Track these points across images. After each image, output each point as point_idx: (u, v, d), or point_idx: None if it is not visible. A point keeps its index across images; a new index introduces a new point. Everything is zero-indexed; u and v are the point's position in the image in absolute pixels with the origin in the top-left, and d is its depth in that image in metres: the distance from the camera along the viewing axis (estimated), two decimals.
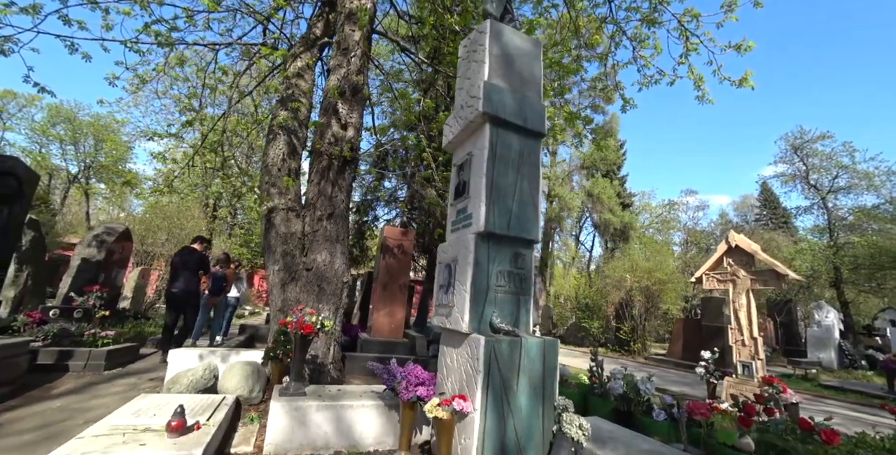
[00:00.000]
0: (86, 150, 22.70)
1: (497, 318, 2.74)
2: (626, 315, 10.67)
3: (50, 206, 19.14)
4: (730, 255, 5.99)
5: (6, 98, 23.66)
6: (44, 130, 22.68)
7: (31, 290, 7.19)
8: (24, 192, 6.27)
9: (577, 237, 24.35)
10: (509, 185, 3.06)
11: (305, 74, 5.22)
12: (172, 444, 2.26)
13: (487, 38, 3.39)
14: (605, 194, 19.09)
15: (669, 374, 8.41)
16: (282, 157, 4.58)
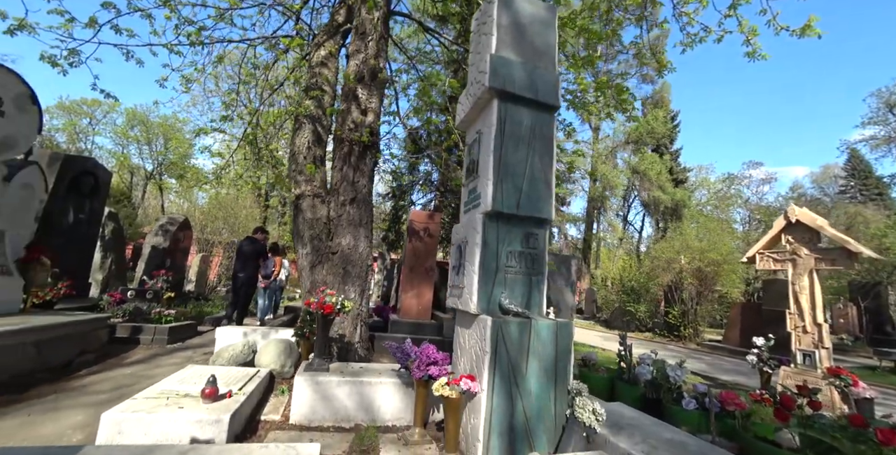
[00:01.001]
0: (158, 148, 25.08)
1: (506, 299, 2.69)
2: (676, 299, 10.03)
3: (132, 200, 21.50)
4: (789, 231, 5.37)
5: (93, 106, 26.56)
6: (124, 133, 25.30)
7: (114, 273, 8.19)
8: (100, 188, 7.11)
9: (625, 217, 23.02)
10: (519, 163, 2.94)
11: (329, 63, 5.29)
12: (206, 408, 2.51)
13: (495, 9, 3.21)
14: (654, 170, 17.72)
15: (723, 362, 7.86)
16: (307, 145, 4.73)
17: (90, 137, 26.67)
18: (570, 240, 19.20)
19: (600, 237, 20.84)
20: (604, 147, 19.26)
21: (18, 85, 4.67)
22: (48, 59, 5.03)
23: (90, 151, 26.07)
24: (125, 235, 11.74)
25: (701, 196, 22.09)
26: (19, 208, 4.86)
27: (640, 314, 10.98)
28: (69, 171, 6.40)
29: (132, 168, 25.83)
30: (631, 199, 22.26)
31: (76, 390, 3.39)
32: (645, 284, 11.52)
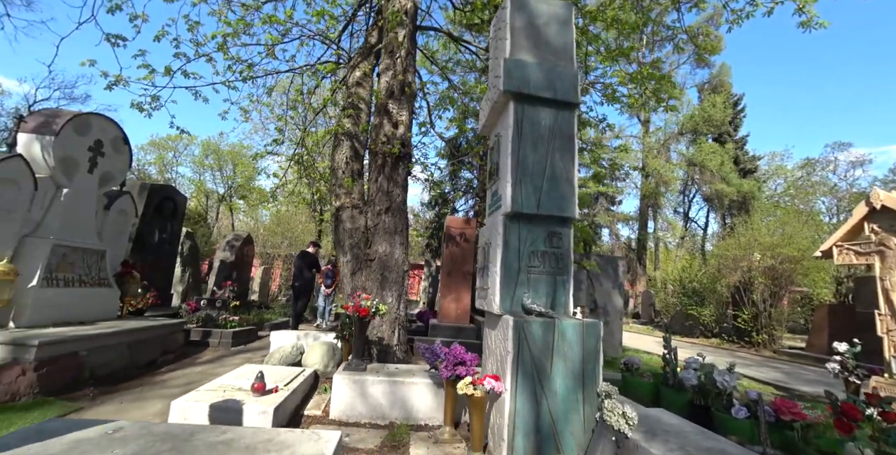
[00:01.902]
0: (227, 173, 27.84)
1: (528, 299, 2.70)
2: (746, 301, 9.09)
3: (207, 221, 23.94)
4: (874, 219, 4.74)
5: (176, 141, 30.19)
6: (200, 162, 28.43)
7: (191, 285, 9.20)
8: (178, 211, 8.09)
9: (686, 214, 21.23)
10: (538, 162, 2.95)
11: (364, 82, 5.64)
12: (256, 400, 2.79)
13: (508, 13, 3.28)
14: (713, 161, 16.24)
15: (806, 371, 7.00)
16: (345, 160, 5.06)
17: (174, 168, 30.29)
18: (622, 240, 18.15)
19: (658, 237, 19.41)
20: (655, 140, 18.05)
21: (115, 129, 5.54)
22: (137, 106, 5.83)
23: (175, 180, 29.58)
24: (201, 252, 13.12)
25: (776, 186, 19.92)
26: (116, 231, 5.70)
27: (705, 318, 10.07)
28: (154, 197, 7.38)
29: (207, 192, 28.80)
30: (691, 193, 20.60)
31: (158, 384, 3.89)
32: (709, 285, 10.58)
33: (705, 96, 18.61)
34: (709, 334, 10.24)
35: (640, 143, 17.63)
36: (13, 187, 4.15)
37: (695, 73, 20.47)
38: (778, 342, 8.90)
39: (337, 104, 6.20)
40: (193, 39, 5.43)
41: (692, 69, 20.17)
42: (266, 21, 4.85)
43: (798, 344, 9.37)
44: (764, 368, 7.13)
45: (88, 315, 4.18)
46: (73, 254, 4.46)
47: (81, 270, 4.52)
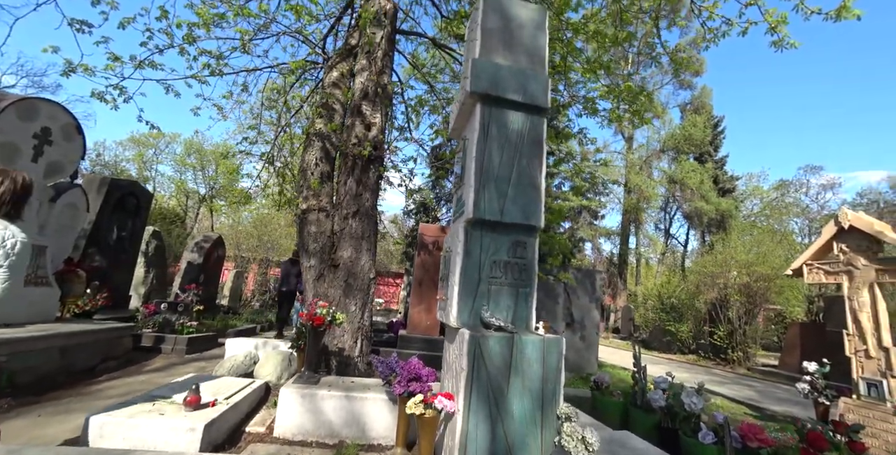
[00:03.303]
0: (210, 173, 27.21)
1: (487, 312, 2.53)
2: (723, 317, 9.11)
3: (185, 222, 23.24)
4: (842, 238, 4.75)
5: (158, 138, 29.46)
6: (182, 161, 27.74)
7: (155, 287, 8.76)
8: (141, 208, 7.73)
9: (667, 230, 21.52)
10: (504, 167, 2.81)
11: (341, 83, 5.48)
12: (184, 416, 2.53)
13: (480, 14, 3.20)
14: (693, 180, 16.54)
15: (777, 390, 6.98)
16: (315, 161, 4.86)
17: (154, 166, 29.49)
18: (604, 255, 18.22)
19: (640, 252, 19.56)
20: (638, 157, 18.33)
21: (66, 117, 5.24)
22: (97, 96, 5.53)
23: (154, 179, 28.77)
24: (174, 253, 12.61)
25: (752, 206, 20.35)
26: (62, 226, 5.35)
27: (683, 334, 10.06)
28: (115, 193, 7.02)
29: (188, 192, 28.07)
30: (672, 211, 20.89)
31: (91, 394, 3.56)
32: (687, 302, 10.60)
33: (687, 116, 19.08)
34: (686, 350, 10.21)
35: (623, 159, 17.88)
36: None
37: (677, 93, 21.09)
38: (752, 360, 8.91)
39: (314, 105, 6.02)
40: (163, 29, 5.21)
41: (675, 90, 20.76)
42: (237, 13, 4.68)
43: (772, 361, 9.40)
44: (737, 386, 7.08)
45: (18, 316, 3.83)
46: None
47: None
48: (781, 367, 8.42)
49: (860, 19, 4.28)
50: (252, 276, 11.72)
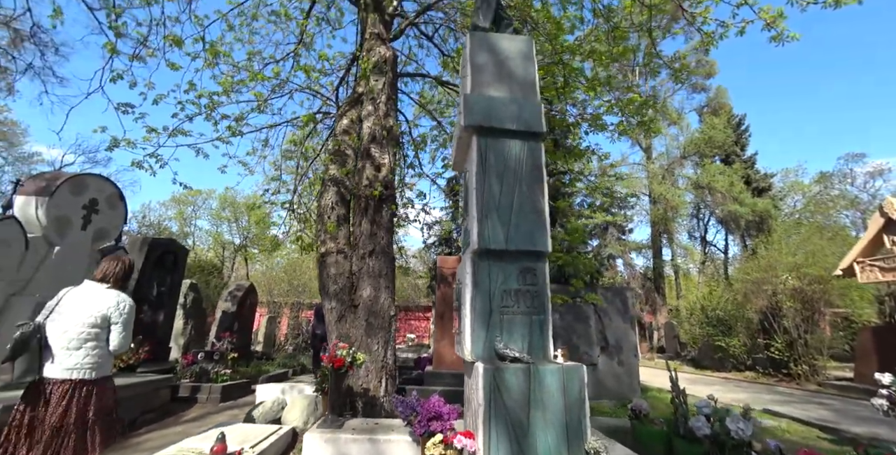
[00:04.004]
0: (243, 224, 28.71)
1: (501, 343, 2.47)
2: (777, 327, 8.36)
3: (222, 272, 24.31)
4: (892, 230, 4.38)
5: (196, 195, 31.68)
6: (217, 214, 29.54)
7: (193, 338, 9.08)
8: (178, 264, 8.19)
9: (703, 238, 20.41)
10: (505, 195, 2.84)
11: (351, 130, 5.79)
12: None
13: (468, 51, 3.37)
14: (721, 183, 15.83)
15: (857, 407, 6.22)
16: (331, 205, 5.07)
17: (193, 222, 31.49)
18: (637, 270, 17.40)
19: (676, 264, 18.54)
20: (658, 166, 17.88)
21: (111, 187, 5.78)
22: (137, 165, 6.07)
23: (193, 234, 30.63)
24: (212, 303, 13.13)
25: (794, 203, 19.13)
26: None
27: (735, 349, 9.26)
28: (155, 251, 7.51)
29: (224, 243, 29.58)
30: (705, 217, 19.93)
31: (130, 448, 3.66)
32: (734, 313, 9.85)
33: (705, 119, 18.67)
34: (742, 367, 9.37)
35: (644, 170, 17.47)
36: (4, 248, 4.25)
37: (692, 97, 20.82)
38: (822, 373, 8.03)
39: (328, 153, 6.38)
40: (191, 100, 5.76)
41: (689, 94, 20.53)
42: (253, 78, 5.13)
43: (847, 374, 8.45)
44: (808, 405, 6.37)
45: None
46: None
47: None
48: (858, 379, 7.55)
49: (861, 3, 4.19)
50: (284, 320, 11.96)
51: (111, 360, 2.44)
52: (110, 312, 2.34)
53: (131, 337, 2.47)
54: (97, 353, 2.28)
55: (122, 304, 2.40)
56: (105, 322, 2.32)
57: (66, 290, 2.43)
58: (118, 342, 2.36)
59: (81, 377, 2.21)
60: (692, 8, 5.50)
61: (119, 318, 2.36)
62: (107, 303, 2.35)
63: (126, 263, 2.66)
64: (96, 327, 2.28)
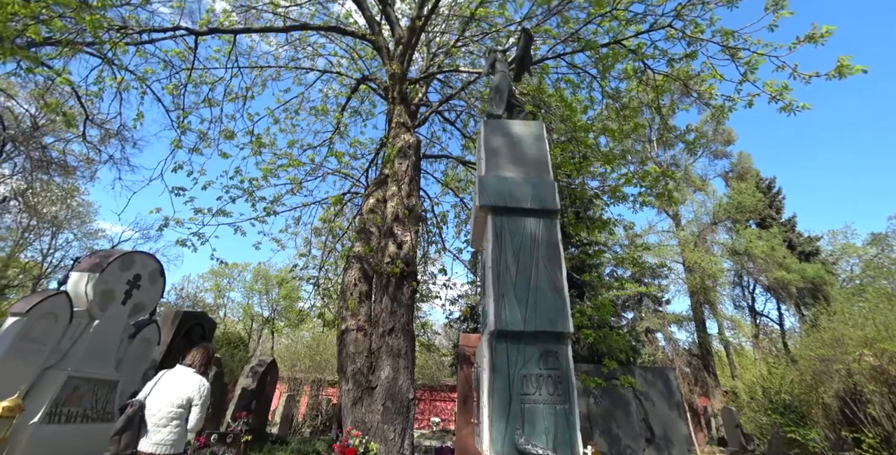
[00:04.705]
0: (273, 296, 29.29)
1: (522, 438, 2.24)
2: (864, 417, 7.10)
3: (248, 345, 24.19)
4: None
5: (233, 268, 33.22)
6: (250, 287, 30.50)
7: (210, 416, 8.72)
8: (206, 337, 8.27)
9: (751, 308, 18.69)
10: (522, 274, 2.82)
11: (377, 209, 6.14)
12: None
13: (482, 137, 3.64)
14: (759, 248, 15.01)
15: None
16: (354, 281, 5.17)
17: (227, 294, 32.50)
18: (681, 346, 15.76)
19: (725, 338, 16.75)
20: (689, 233, 17.34)
21: (154, 263, 6.19)
22: (181, 243, 6.57)
23: (225, 305, 31.41)
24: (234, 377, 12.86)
25: (850, 267, 17.61)
26: (137, 359, 5.83)
27: (814, 445, 7.81)
28: (185, 323, 7.68)
29: (253, 316, 29.96)
30: (749, 285, 18.53)
31: None
32: (805, 397, 8.54)
33: (731, 184, 18.54)
34: None
35: (674, 237, 16.97)
36: (52, 321, 4.47)
37: (714, 164, 21.04)
38: None
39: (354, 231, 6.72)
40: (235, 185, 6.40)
41: (710, 161, 20.78)
42: (290, 164, 5.70)
43: None
44: None
45: (85, 452, 3.93)
46: (84, 385, 4.48)
47: (88, 404, 4.47)
48: None
49: (866, 72, 4.34)
50: (304, 399, 11.40)
51: (185, 438, 2.75)
52: (193, 395, 2.68)
53: (205, 418, 2.81)
54: (178, 430, 2.62)
55: (202, 388, 2.76)
56: (188, 403, 2.66)
57: (163, 372, 2.86)
58: (195, 422, 2.69)
59: (164, 452, 2.53)
60: (696, 86, 5.86)
61: (199, 401, 2.70)
62: (192, 386, 2.72)
63: (210, 352, 3.17)
64: (181, 407, 2.64)
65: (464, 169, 8.31)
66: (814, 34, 4.44)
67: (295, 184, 5.84)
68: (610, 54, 5.53)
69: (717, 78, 5.32)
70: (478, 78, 6.74)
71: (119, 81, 6.12)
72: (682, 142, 5.90)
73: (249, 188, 5.81)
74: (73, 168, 14.35)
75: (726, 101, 5.45)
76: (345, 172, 6.72)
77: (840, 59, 4.35)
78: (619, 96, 6.24)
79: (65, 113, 5.47)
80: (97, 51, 5.65)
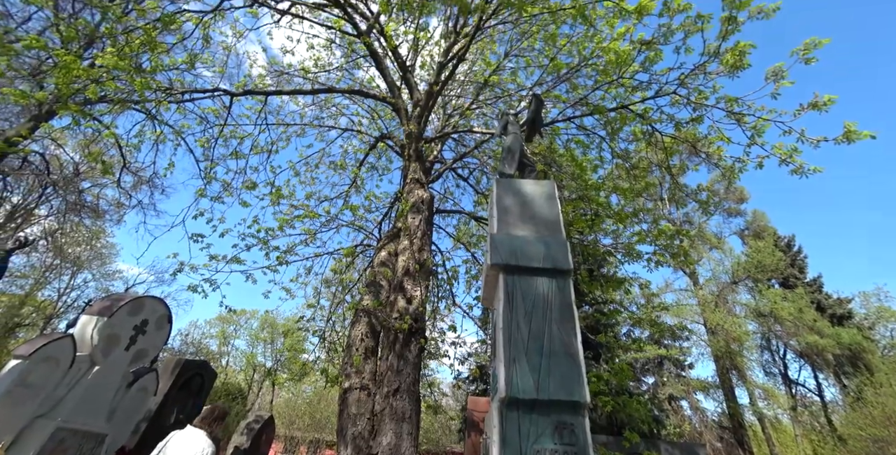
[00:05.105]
0: (278, 346, 28.48)
1: None
2: None
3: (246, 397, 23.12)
4: None
5: (241, 315, 32.81)
6: (256, 335, 29.87)
7: None
8: (205, 387, 7.95)
9: (784, 375, 17.18)
10: (534, 337, 2.71)
11: (388, 262, 6.15)
12: None
13: (495, 194, 3.72)
14: (786, 310, 14.22)
15: None
16: (360, 337, 5.03)
17: (232, 341, 31.76)
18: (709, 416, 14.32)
19: (758, 410, 15.15)
20: (708, 292, 16.67)
21: (162, 308, 6.17)
22: (192, 288, 6.62)
23: (229, 353, 30.58)
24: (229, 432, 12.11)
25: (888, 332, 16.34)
26: (131, 409, 5.56)
27: None
28: (185, 372, 7.42)
29: (255, 366, 28.98)
30: (779, 350, 17.23)
31: None
32: None
33: (748, 243, 18.19)
34: None
35: (693, 296, 16.30)
36: (53, 366, 4.35)
37: (729, 221, 20.94)
38: None
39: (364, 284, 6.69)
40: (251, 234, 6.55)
41: (725, 219, 20.70)
42: (306, 215, 5.85)
43: None
44: None
45: None
46: (71, 438, 4.23)
47: None
48: None
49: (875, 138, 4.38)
50: None
51: None
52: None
53: None
54: None
55: (206, 450, 2.87)
56: None
57: (173, 433, 3.05)
58: None
59: None
60: (704, 148, 6.00)
61: None
62: (198, 447, 2.85)
63: (221, 410, 3.39)
64: None
65: (476, 224, 8.42)
66: (817, 102, 4.60)
67: (309, 235, 5.98)
68: (618, 118, 5.79)
69: (725, 140, 5.46)
70: (490, 138, 7.08)
71: (158, 134, 6.63)
72: (695, 201, 5.93)
73: (265, 237, 5.94)
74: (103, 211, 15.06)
75: (736, 163, 5.54)
76: (358, 225, 6.88)
77: (846, 124, 4.44)
78: (629, 156, 6.42)
79: (103, 162, 5.86)
80: (142, 107, 6.19)
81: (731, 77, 5.32)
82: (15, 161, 11.64)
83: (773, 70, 4.75)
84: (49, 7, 5.70)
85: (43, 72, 8.96)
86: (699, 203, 5.93)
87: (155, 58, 5.49)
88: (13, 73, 7.46)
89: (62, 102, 4.84)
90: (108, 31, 5.18)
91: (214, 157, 6.94)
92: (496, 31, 7.60)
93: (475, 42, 6.73)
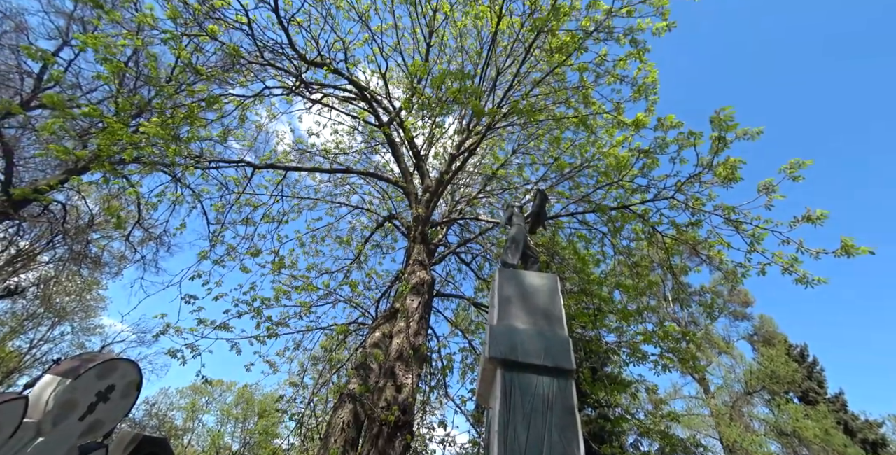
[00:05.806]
0: (250, 427, 25.58)
1: None
2: None
3: None
4: None
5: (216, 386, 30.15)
6: (228, 411, 27.07)
7: None
8: None
9: None
10: (532, 443, 2.43)
11: (382, 344, 5.88)
12: None
13: (495, 284, 3.66)
14: (810, 431, 12.79)
15: None
16: (342, 425, 4.59)
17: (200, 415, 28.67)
18: None
19: None
20: (721, 402, 15.27)
21: (134, 374, 5.71)
22: (171, 353, 6.25)
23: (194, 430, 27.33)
24: None
25: None
26: None
27: None
28: (140, 450, 6.56)
29: (219, 448, 25.73)
30: None
31: None
32: None
33: (759, 350, 17.30)
34: None
35: (704, 406, 14.89)
36: None
37: (735, 325, 20.20)
38: None
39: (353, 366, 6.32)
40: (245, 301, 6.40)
41: (731, 322, 20.01)
42: (304, 287, 5.78)
43: None
44: None
45: None
46: None
47: None
48: None
49: (874, 254, 4.40)
50: None
51: None
52: None
53: None
54: None
55: None
56: None
57: None
58: None
59: None
60: (705, 250, 6.08)
61: None
62: None
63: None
64: None
65: (475, 310, 8.23)
66: (810, 216, 4.78)
67: (304, 307, 5.82)
68: (619, 216, 6.03)
69: (725, 245, 5.57)
70: (495, 226, 7.32)
71: (177, 196, 6.93)
72: (699, 304, 5.83)
73: (259, 306, 5.79)
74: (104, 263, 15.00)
75: (738, 268, 5.56)
76: (356, 302, 6.74)
77: (843, 239, 4.53)
78: (631, 253, 6.51)
79: (118, 216, 6.02)
80: (169, 170, 6.58)
81: (726, 187, 5.66)
82: (36, 208, 12.03)
83: (764, 184, 5.05)
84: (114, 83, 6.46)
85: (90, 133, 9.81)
86: (704, 306, 5.83)
87: (193, 130, 6.03)
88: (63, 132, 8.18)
89: (99, 161, 5.20)
90: (158, 106, 5.80)
91: (226, 222, 7.15)
92: (505, 130, 8.40)
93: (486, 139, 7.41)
